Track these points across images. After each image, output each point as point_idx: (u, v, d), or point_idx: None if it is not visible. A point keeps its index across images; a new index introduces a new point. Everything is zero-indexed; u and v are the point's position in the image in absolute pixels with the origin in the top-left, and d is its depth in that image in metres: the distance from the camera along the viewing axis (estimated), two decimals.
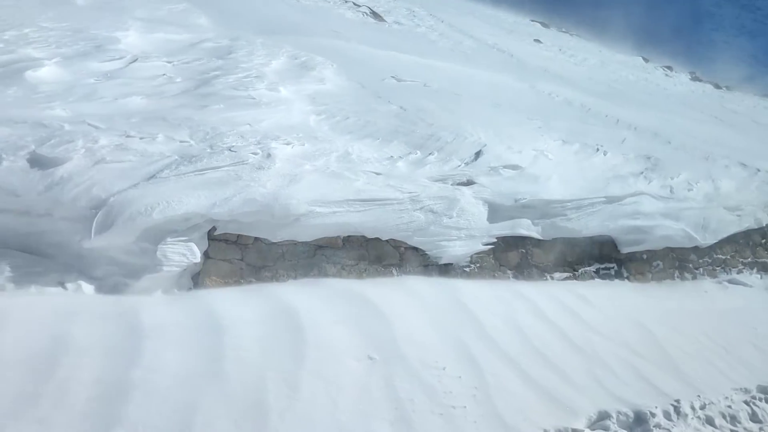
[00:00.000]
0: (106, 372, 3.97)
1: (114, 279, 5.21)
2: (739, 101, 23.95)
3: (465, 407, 4.41)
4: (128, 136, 6.03)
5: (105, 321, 4.51)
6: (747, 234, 8.91)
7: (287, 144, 6.65)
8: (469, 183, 7.10)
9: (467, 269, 6.71)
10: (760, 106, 24.37)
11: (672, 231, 7.97)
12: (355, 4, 21.38)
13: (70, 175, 5.31)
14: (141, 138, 6.06)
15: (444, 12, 26.08)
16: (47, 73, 7.41)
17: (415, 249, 6.49)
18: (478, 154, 7.61)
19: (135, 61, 8.44)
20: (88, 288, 5.09)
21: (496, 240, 6.90)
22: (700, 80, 30.38)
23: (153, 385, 3.94)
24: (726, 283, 8.30)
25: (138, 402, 3.78)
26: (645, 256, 7.92)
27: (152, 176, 5.57)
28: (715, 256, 8.60)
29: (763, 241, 9.11)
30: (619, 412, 4.78)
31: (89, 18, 10.12)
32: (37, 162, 5.41)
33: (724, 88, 29.15)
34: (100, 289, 5.12)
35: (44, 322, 4.27)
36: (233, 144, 6.34)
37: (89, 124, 6.15)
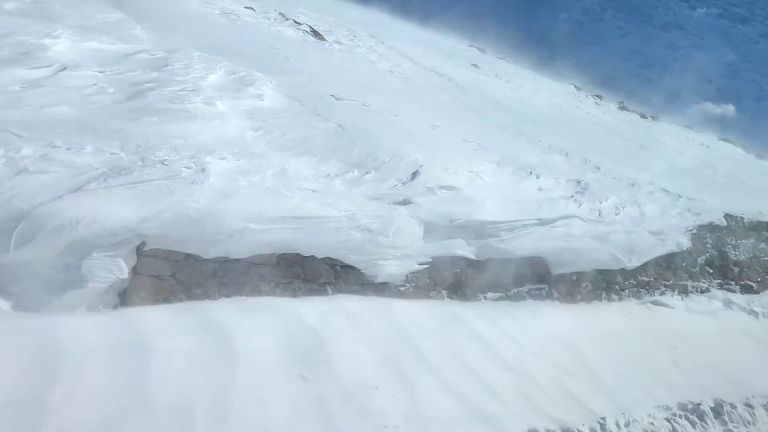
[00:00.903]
0: (21, 394, 3.75)
1: (34, 295, 4.96)
2: (663, 131, 25.09)
3: (397, 426, 4.39)
4: (54, 147, 5.81)
5: (21, 339, 4.28)
6: (669, 257, 9.28)
7: (222, 159, 6.54)
8: (405, 203, 7.14)
9: (402, 288, 6.73)
10: (683, 137, 25.62)
11: (600, 253, 8.23)
12: (296, 22, 21.37)
13: None
14: (68, 149, 5.84)
15: (384, 34, 26.38)
16: None
17: (351, 267, 6.46)
18: (414, 174, 7.68)
19: (64, 69, 8.16)
20: (4, 304, 4.84)
21: (431, 260, 6.94)
22: (627, 110, 31.68)
23: (72, 408, 3.75)
24: (650, 305, 8.60)
25: (55, 426, 3.59)
26: (575, 278, 8.13)
27: (79, 188, 5.37)
28: (639, 278, 8.91)
29: (684, 264, 9.51)
30: (547, 430, 4.87)
31: (17, 24, 9.73)
32: None
33: (650, 118, 30.50)
34: (17, 306, 4.87)
35: None
36: (166, 157, 6.19)
37: (11, 133, 5.89)
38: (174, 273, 5.62)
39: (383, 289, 6.61)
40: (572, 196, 8.87)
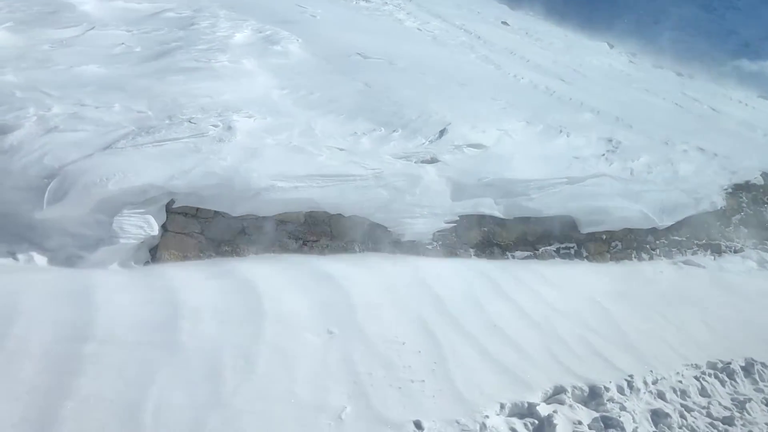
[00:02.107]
0: (57, 345, 3.87)
1: (68, 251, 5.08)
2: (699, 89, 24.36)
3: (423, 381, 4.43)
4: (83, 105, 5.86)
5: (57, 293, 4.39)
6: (702, 216, 9.09)
7: (249, 117, 6.54)
8: (432, 161, 7.08)
9: (429, 247, 6.72)
10: (719, 94, 24.85)
11: (631, 212, 8.09)
12: None
13: (20, 143, 5.15)
14: (96, 107, 5.89)
15: None
16: None
17: (378, 225, 6.46)
18: (442, 133, 7.60)
19: (92, 28, 8.18)
20: (40, 259, 4.96)
21: (458, 218, 6.91)
22: (662, 68, 30.80)
23: (106, 358, 3.86)
24: (681, 264, 8.47)
25: (90, 375, 3.69)
26: (604, 237, 8.03)
27: (108, 146, 5.43)
28: (671, 237, 8.76)
29: (718, 223, 9.32)
30: (574, 387, 4.86)
31: None
32: None
33: (686, 76, 29.63)
34: (53, 261, 4.99)
35: None
36: (193, 116, 6.21)
37: (42, 92, 5.95)
38: (203, 230, 5.69)
39: (410, 247, 6.61)
40: (603, 155, 8.70)
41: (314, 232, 6.19)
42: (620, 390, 4.99)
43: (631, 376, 5.18)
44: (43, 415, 3.38)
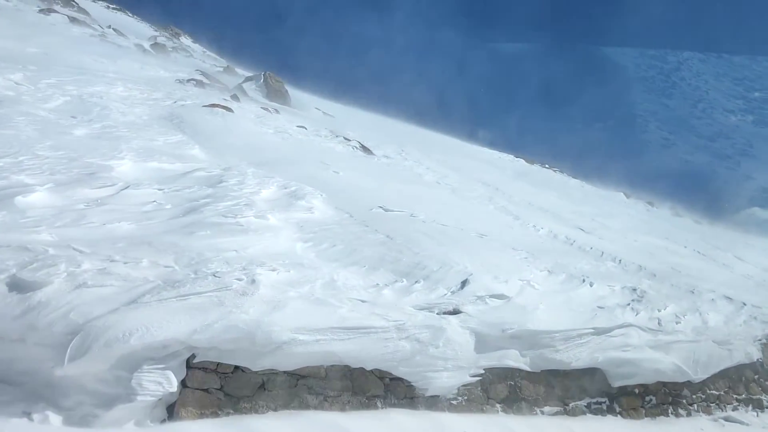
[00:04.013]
0: None
1: (83, 409, 4.97)
2: (719, 236, 24.48)
3: None
4: (112, 261, 6.01)
5: None
6: (739, 369, 8.74)
7: (272, 270, 6.63)
8: (455, 312, 7.03)
9: (454, 402, 6.48)
10: (740, 242, 24.86)
11: (662, 364, 7.81)
12: (345, 138, 22.24)
13: (48, 300, 5.22)
14: (125, 263, 6.03)
15: (431, 148, 27.16)
16: (37, 198, 7.50)
17: (401, 380, 6.29)
18: (464, 283, 7.60)
19: (126, 188, 8.59)
20: (55, 419, 4.85)
21: (483, 371, 6.72)
22: (680, 216, 31.20)
23: None
24: (722, 421, 8.02)
25: None
26: (637, 391, 7.71)
27: (133, 301, 5.48)
28: (708, 391, 8.38)
29: (756, 376, 8.93)
30: None
31: (86, 147, 10.42)
32: (15, 286, 5.35)
33: (705, 224, 29.89)
34: (68, 421, 4.87)
35: None
36: (218, 269, 6.32)
37: (74, 249, 6.14)
38: (222, 386, 5.57)
39: (434, 402, 6.38)
40: (628, 304, 8.57)
41: (335, 387, 6.03)
42: None
43: None
44: None
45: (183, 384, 5.38)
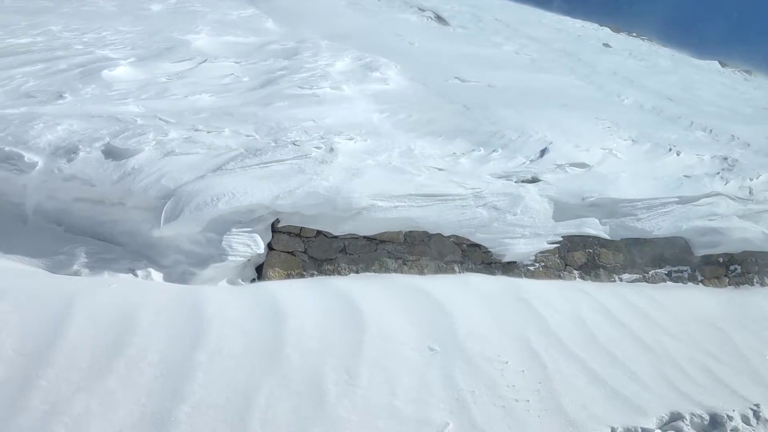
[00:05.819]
0: (172, 353, 4.05)
1: (181, 268, 5.34)
2: None
3: (528, 401, 4.28)
4: (196, 130, 6.20)
5: (172, 307, 4.60)
6: None
7: (350, 139, 6.68)
8: (534, 180, 6.94)
9: (531, 268, 6.55)
10: None
11: (751, 234, 7.55)
12: (419, 8, 21.40)
13: (141, 166, 5.50)
14: (208, 132, 6.22)
15: (509, 18, 25.80)
16: (122, 72, 7.73)
17: (478, 246, 6.38)
18: (543, 152, 7.45)
19: (204, 61, 8.70)
20: (157, 275, 5.24)
21: (561, 239, 6.71)
22: None
23: (216, 367, 4.00)
24: None
25: (201, 382, 3.84)
26: (721, 260, 7.53)
27: (218, 168, 5.69)
28: None
29: None
30: (692, 414, 4.52)
31: (163, 22, 10.52)
32: (111, 153, 5.64)
33: None
34: (168, 277, 5.26)
35: (116, 305, 4.40)
36: (297, 138, 6.42)
37: (160, 119, 6.36)
38: (306, 249, 5.83)
39: (511, 268, 6.47)
40: (718, 173, 8.19)
41: (413, 251, 6.19)
42: (745, 420, 4.58)
43: (757, 405, 4.76)
44: (161, 416, 3.54)
45: (269, 247, 5.66)
